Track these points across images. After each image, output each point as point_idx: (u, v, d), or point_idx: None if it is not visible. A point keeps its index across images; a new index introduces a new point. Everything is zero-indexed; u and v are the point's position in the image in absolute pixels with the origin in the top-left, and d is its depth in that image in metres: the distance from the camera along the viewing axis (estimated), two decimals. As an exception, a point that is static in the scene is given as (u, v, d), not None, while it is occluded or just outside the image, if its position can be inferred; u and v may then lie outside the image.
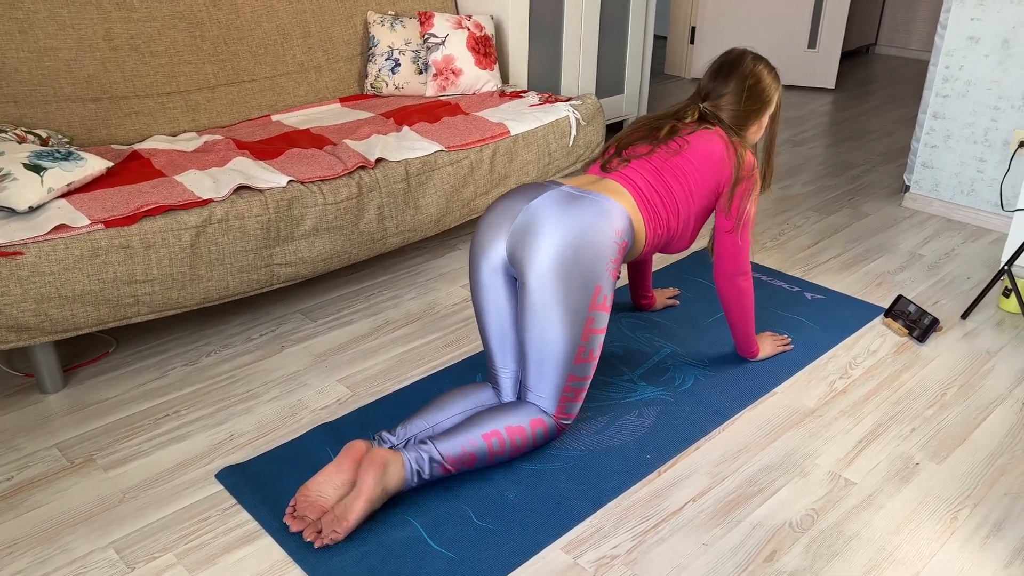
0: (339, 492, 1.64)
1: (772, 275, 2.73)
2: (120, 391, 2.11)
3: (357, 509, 1.61)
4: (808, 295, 2.60)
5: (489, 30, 3.21)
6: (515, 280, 1.84)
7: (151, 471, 1.82)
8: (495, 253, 1.81)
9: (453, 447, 1.71)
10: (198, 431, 1.96)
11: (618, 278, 1.82)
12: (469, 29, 3.15)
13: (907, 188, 3.38)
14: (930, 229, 3.13)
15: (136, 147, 2.53)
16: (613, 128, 4.24)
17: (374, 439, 1.78)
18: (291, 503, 1.65)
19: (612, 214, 1.79)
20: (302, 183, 2.30)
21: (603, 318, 1.78)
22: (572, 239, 1.73)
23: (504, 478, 1.79)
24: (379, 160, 2.47)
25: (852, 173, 3.71)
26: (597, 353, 1.81)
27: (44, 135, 2.35)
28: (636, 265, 2.39)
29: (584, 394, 1.85)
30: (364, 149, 2.53)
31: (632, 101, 4.07)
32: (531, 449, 1.83)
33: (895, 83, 5.31)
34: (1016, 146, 2.99)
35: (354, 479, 1.66)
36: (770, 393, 2.12)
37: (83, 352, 2.29)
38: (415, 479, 1.68)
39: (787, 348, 2.30)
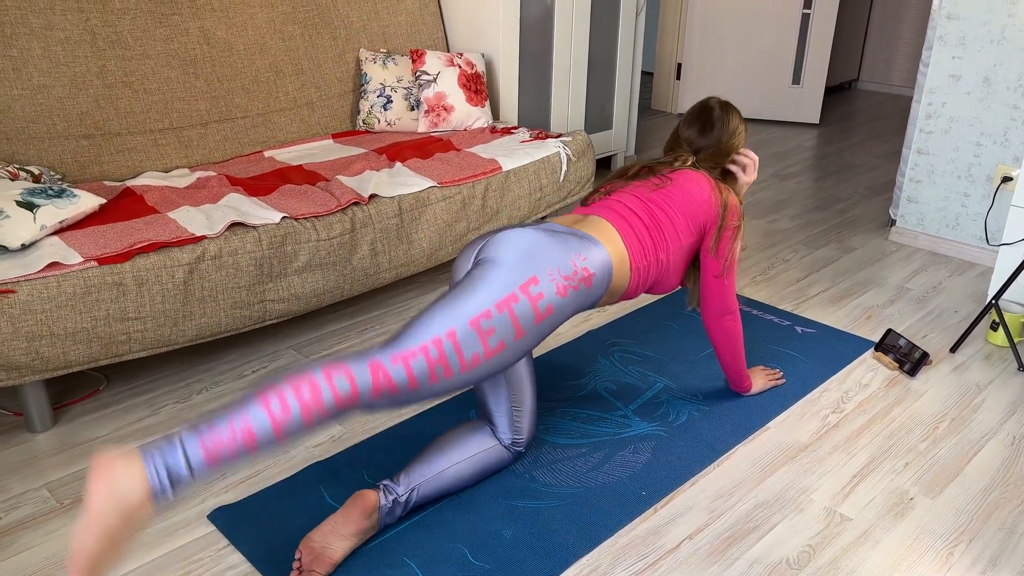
0: (348, 543, 1.62)
1: (763, 309, 2.75)
2: (110, 429, 2.09)
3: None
4: (799, 329, 2.62)
5: (480, 67, 3.25)
6: None
7: (142, 511, 1.80)
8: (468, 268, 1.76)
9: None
10: (190, 470, 1.94)
11: (567, 301, 1.68)
12: (460, 67, 3.19)
13: (893, 222, 3.43)
14: (917, 263, 3.17)
15: (129, 183, 2.53)
16: (602, 163, 4.29)
17: (379, 488, 1.73)
18: (296, 558, 1.61)
19: (588, 246, 1.74)
20: (295, 219, 2.31)
21: (526, 311, 1.59)
22: (532, 243, 1.67)
23: (499, 515, 1.78)
24: (372, 196, 2.48)
25: (838, 207, 3.76)
26: (494, 348, 1.56)
27: (36, 172, 2.35)
28: None
29: (434, 382, 1.52)
30: (357, 185, 2.54)
31: (620, 137, 4.12)
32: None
33: (878, 118, 5.40)
34: (999, 181, 3.04)
35: (363, 529, 1.64)
36: (763, 428, 2.12)
37: (73, 390, 2.26)
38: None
39: (779, 382, 2.31)
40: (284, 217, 2.29)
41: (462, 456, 1.81)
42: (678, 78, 5.34)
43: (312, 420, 1.40)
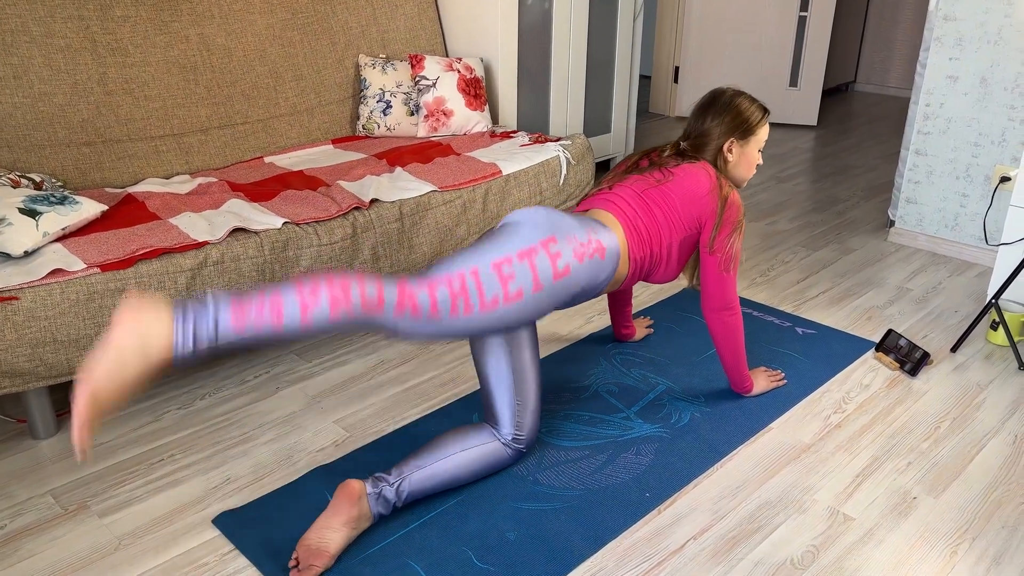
0: (340, 535, 1.63)
1: (763, 310, 2.75)
2: (114, 435, 2.09)
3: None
4: (799, 330, 2.63)
5: (479, 72, 3.26)
6: None
7: (146, 517, 1.80)
8: None
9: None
10: (194, 475, 1.94)
11: (582, 267, 1.78)
12: (459, 71, 3.20)
13: (892, 223, 3.43)
14: (916, 263, 3.18)
15: (130, 190, 2.54)
16: (602, 166, 4.30)
17: (368, 479, 1.75)
18: (293, 557, 1.62)
19: (598, 227, 1.87)
20: (297, 224, 2.31)
21: (546, 264, 1.71)
22: (551, 213, 1.82)
23: (503, 518, 1.78)
24: (373, 201, 2.49)
25: (837, 209, 3.77)
26: (512, 294, 1.67)
27: (38, 179, 2.35)
28: (616, 297, 2.43)
29: (455, 310, 1.61)
30: (358, 190, 2.55)
31: (619, 140, 4.13)
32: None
33: (875, 120, 5.42)
34: (997, 181, 3.05)
35: (353, 518, 1.65)
36: (766, 429, 2.13)
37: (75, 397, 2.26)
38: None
39: (781, 383, 2.31)
40: (286, 222, 2.30)
41: (457, 449, 1.81)
42: (676, 81, 5.36)
43: (338, 314, 1.46)
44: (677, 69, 5.32)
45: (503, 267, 1.67)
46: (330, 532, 1.63)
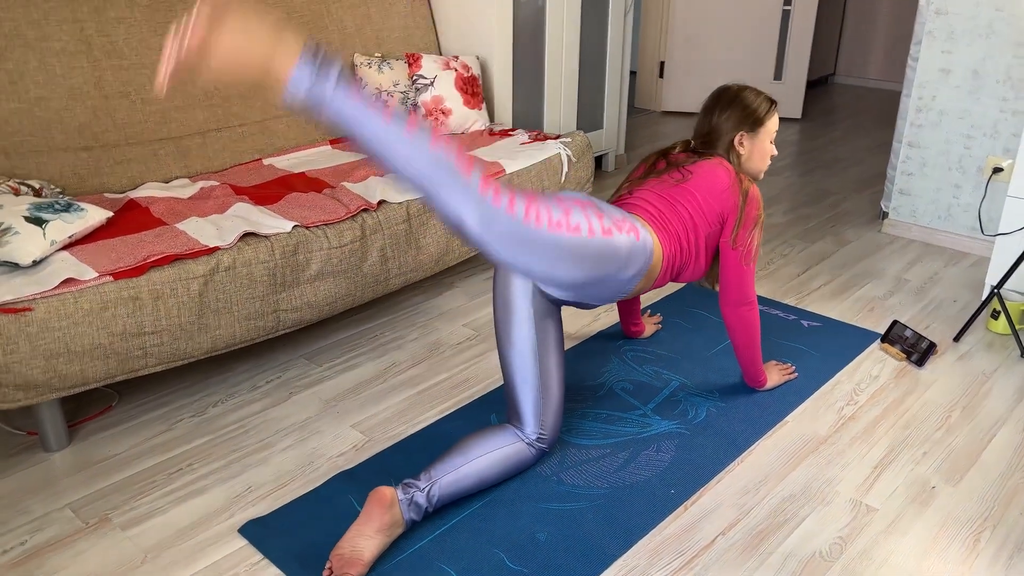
0: (374, 542, 1.62)
1: (768, 304, 2.78)
2: (128, 446, 2.06)
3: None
4: (804, 323, 2.65)
5: (476, 70, 3.24)
6: (538, 297, 1.88)
7: (171, 528, 1.78)
8: None
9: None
10: (214, 484, 1.92)
11: (622, 236, 1.82)
12: (456, 70, 3.18)
13: (885, 214, 3.48)
14: (912, 254, 3.22)
15: (131, 195, 2.50)
16: (596, 162, 4.30)
17: (398, 486, 1.75)
18: (327, 566, 1.61)
19: (633, 219, 1.91)
20: (307, 228, 2.29)
21: (595, 221, 1.78)
22: (587, 197, 1.91)
23: (532, 519, 1.78)
24: (381, 202, 2.47)
25: (829, 201, 3.81)
26: (572, 221, 1.74)
27: (37, 186, 2.30)
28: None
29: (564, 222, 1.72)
30: (364, 191, 2.53)
31: (611, 135, 4.14)
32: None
33: (858, 112, 5.48)
34: (990, 172, 3.10)
35: (386, 524, 1.64)
36: (782, 422, 2.15)
37: (85, 407, 2.23)
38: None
39: (792, 377, 2.34)
40: (296, 226, 2.27)
41: (483, 451, 1.81)
42: (661, 76, 5.37)
43: (438, 147, 1.60)
44: (663, 64, 5.33)
45: (563, 204, 1.76)
46: (363, 540, 1.62)
